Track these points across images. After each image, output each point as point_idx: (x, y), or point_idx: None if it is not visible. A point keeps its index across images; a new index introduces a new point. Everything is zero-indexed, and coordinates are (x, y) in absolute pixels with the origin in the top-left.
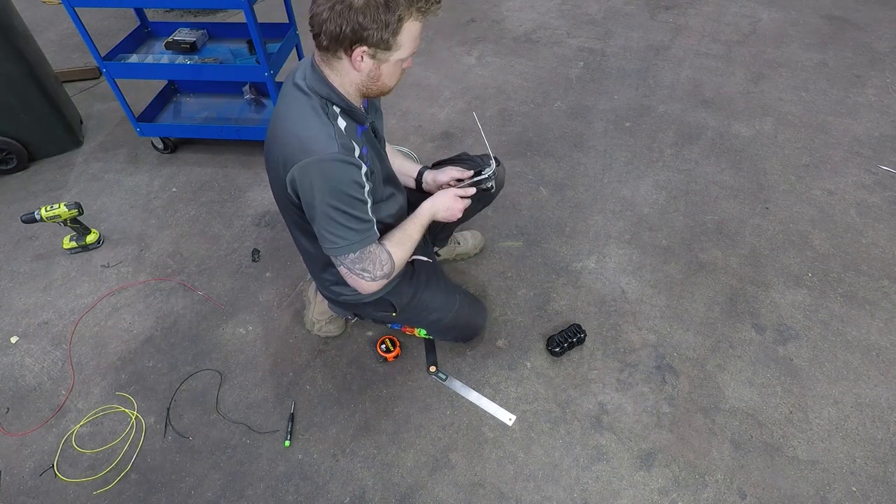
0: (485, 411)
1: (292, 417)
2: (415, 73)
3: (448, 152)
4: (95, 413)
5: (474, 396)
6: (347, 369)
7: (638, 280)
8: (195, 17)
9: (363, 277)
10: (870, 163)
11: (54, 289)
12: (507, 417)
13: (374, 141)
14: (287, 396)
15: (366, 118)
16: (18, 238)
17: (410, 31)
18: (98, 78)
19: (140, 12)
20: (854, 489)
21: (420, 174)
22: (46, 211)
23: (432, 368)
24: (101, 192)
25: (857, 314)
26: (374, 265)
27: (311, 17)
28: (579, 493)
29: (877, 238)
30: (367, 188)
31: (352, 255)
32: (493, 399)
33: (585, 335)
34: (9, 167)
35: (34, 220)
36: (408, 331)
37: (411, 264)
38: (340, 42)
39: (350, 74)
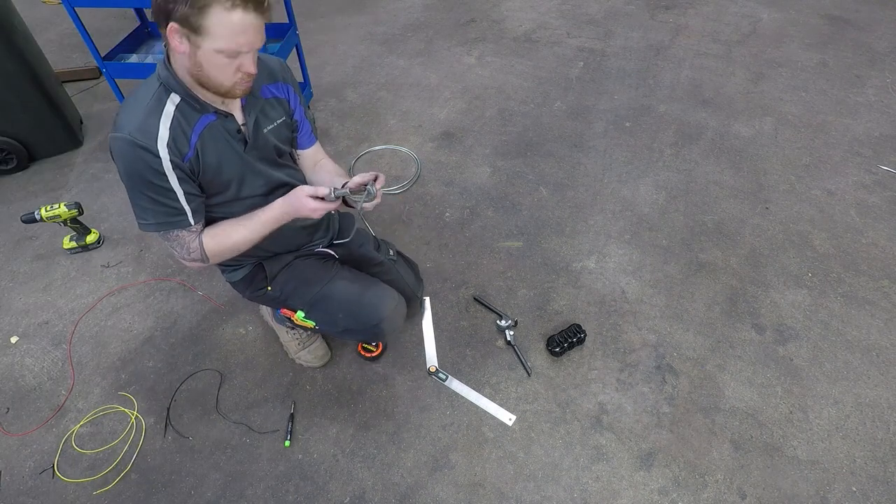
0: (485, 411)
1: (292, 417)
2: (415, 73)
3: (448, 152)
4: (95, 413)
5: (474, 396)
6: (347, 369)
7: (638, 280)
8: None
9: (175, 255)
10: (870, 163)
11: (54, 289)
12: (507, 417)
13: (228, 136)
14: (287, 396)
15: (212, 108)
16: (18, 238)
17: (222, 19)
18: (98, 78)
19: (140, 12)
20: (854, 489)
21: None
22: (46, 211)
23: (432, 368)
24: (101, 192)
25: (857, 314)
26: (182, 249)
27: None
28: (579, 493)
29: (877, 238)
30: (173, 177)
31: (158, 233)
32: (493, 399)
33: (585, 335)
34: (9, 167)
35: (34, 220)
36: (288, 314)
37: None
38: (157, 15)
39: (176, 56)
